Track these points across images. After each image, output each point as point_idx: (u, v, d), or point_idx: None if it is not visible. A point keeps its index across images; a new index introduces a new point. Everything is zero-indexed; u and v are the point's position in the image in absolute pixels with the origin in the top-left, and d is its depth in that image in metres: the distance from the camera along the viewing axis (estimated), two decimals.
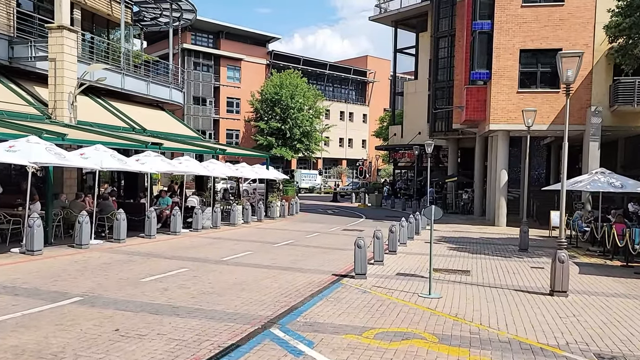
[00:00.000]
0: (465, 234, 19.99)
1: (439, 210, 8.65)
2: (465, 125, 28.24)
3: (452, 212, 31.50)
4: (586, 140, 21.99)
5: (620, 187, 15.29)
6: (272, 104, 55.58)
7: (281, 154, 56.33)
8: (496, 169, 24.06)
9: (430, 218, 8.64)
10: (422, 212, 8.54)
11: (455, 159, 37.37)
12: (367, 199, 37.33)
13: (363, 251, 9.91)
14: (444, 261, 12.84)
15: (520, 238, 15.35)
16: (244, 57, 63.23)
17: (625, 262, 13.00)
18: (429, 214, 8.62)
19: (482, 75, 23.45)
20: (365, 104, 76.26)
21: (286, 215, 25.38)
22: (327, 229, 20.42)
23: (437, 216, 8.62)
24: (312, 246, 15.13)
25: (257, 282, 9.38)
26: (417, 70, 43.43)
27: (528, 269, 12.00)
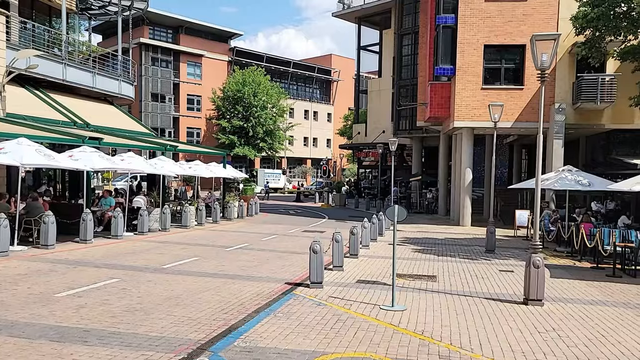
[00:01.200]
0: (430, 235, 19.23)
1: (403, 211, 7.65)
2: (430, 123, 27.62)
3: (416, 212, 30.90)
4: (550, 138, 21.61)
5: (588, 185, 14.78)
6: (235, 101, 54.03)
7: (244, 153, 54.83)
8: (460, 168, 23.47)
9: (393, 219, 7.64)
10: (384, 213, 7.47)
11: (419, 158, 36.88)
12: (330, 198, 36.40)
13: (319, 257, 8.83)
14: (408, 265, 11.91)
15: (487, 239, 14.63)
16: (205, 53, 61.30)
17: (595, 263, 12.40)
18: (392, 214, 7.61)
19: (446, 71, 22.79)
20: (330, 103, 75.44)
21: (245, 216, 24.10)
22: (287, 231, 19.28)
23: (401, 217, 7.63)
24: (268, 250, 13.96)
25: (196, 295, 8.15)
26: (381, 68, 42.80)
27: (497, 272, 11.20)
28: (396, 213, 7.57)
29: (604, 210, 21.95)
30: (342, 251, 10.81)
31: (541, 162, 8.41)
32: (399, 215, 7.60)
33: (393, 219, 7.62)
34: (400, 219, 7.64)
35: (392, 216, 7.61)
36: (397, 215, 7.59)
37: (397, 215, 7.59)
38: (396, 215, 7.58)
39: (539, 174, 8.44)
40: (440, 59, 22.87)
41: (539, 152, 8.33)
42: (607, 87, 20.28)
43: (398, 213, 7.62)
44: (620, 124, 21.46)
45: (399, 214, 7.61)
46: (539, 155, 8.32)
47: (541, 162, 8.41)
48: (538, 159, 8.33)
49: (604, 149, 24.27)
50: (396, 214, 7.58)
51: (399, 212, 7.61)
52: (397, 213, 7.59)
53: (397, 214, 7.59)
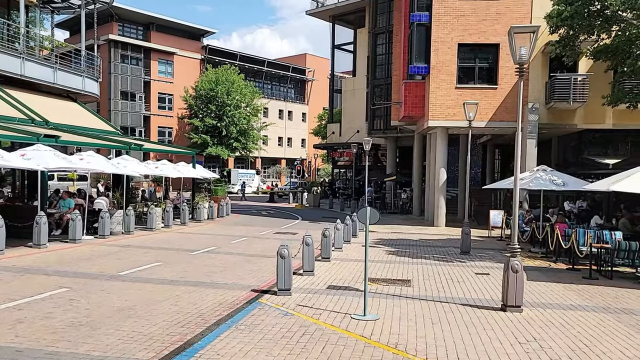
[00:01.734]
0: (404, 236, 18.87)
1: (375, 213, 7.17)
2: (404, 122, 27.34)
3: (391, 212, 30.61)
4: (523, 138, 21.50)
5: (562, 185, 14.61)
6: (207, 100, 52.96)
7: (217, 153, 53.79)
8: (435, 168, 23.22)
9: (364, 222, 7.14)
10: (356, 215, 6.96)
11: (394, 158, 36.65)
12: (304, 199, 35.85)
13: (287, 262, 8.27)
14: (382, 268, 11.45)
15: (462, 240, 14.30)
16: (177, 51, 60.01)
17: (571, 264, 12.18)
18: (364, 217, 7.11)
19: (420, 70, 22.50)
20: (305, 103, 74.90)
21: (215, 218, 23.34)
22: (257, 233, 18.66)
23: (373, 220, 7.14)
24: (236, 253, 13.33)
25: (152, 306, 7.50)
26: (355, 67, 42.45)
27: (473, 275, 10.84)
28: (368, 215, 7.08)
29: (576, 210, 22.02)
30: (312, 255, 10.28)
31: (520, 161, 8.04)
32: (371, 217, 7.11)
33: (365, 222, 7.12)
34: (372, 222, 7.16)
35: (364, 219, 7.11)
36: (369, 217, 7.09)
37: (369, 217, 7.09)
38: (368, 217, 7.09)
39: (518, 174, 8.07)
40: (415, 58, 22.57)
41: (517, 150, 7.96)
42: (580, 87, 20.29)
43: (370, 215, 7.13)
44: (592, 124, 21.52)
45: (372, 217, 7.12)
46: (517, 154, 7.95)
47: (520, 161, 8.04)
48: (517, 158, 7.96)
49: (576, 149, 24.39)
50: (368, 216, 7.08)
51: (371, 214, 7.12)
52: (370, 215, 7.10)
53: (369, 217, 7.09)
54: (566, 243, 12.87)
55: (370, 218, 7.10)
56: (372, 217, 7.11)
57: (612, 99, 15.50)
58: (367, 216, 7.08)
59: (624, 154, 23.77)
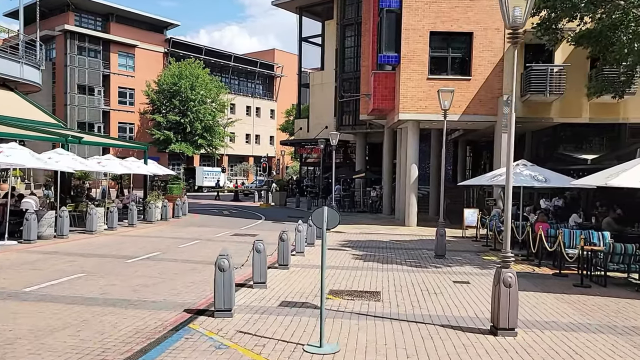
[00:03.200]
0: (373, 237, 17.44)
1: (335, 215, 5.61)
2: (373, 116, 25.95)
3: (360, 211, 29.25)
4: (498, 132, 20.42)
5: (544, 181, 13.42)
6: (170, 95, 50.63)
7: (181, 150, 51.48)
8: (406, 164, 21.91)
9: (321, 226, 5.57)
10: (310, 218, 5.36)
11: (363, 155, 35.32)
12: (270, 197, 34.15)
13: (227, 275, 6.64)
14: (347, 277, 9.94)
15: (437, 242, 12.92)
16: (139, 44, 57.32)
17: (558, 269, 10.92)
18: (319, 219, 5.55)
19: (390, 59, 21.11)
20: (273, 99, 73.06)
21: (169, 218, 21.44)
22: (213, 235, 16.92)
23: (332, 223, 5.59)
24: (181, 260, 11.59)
25: (43, 339, 5.73)
26: (323, 60, 40.94)
27: (451, 284, 9.43)
28: (325, 217, 5.52)
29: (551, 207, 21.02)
30: (264, 263, 8.67)
31: (512, 152, 6.63)
32: (329, 221, 5.55)
33: (321, 225, 5.56)
34: (331, 226, 5.60)
35: (319, 222, 5.55)
36: (326, 220, 5.53)
37: (326, 220, 5.53)
38: (325, 220, 5.53)
39: (510, 164, 6.66)
40: (384, 46, 21.17)
41: (510, 139, 6.55)
42: (556, 79, 19.26)
43: (329, 218, 5.57)
44: (569, 117, 20.53)
45: (330, 220, 5.56)
46: (510, 143, 6.53)
47: (512, 152, 6.63)
48: (509, 147, 6.54)
49: (551, 145, 23.48)
50: (325, 218, 5.52)
51: (329, 216, 5.56)
52: (328, 218, 5.54)
53: (326, 219, 5.53)
54: (551, 245, 11.65)
55: (328, 221, 5.54)
56: (330, 221, 5.55)
57: (595, 88, 14.39)
58: (324, 218, 5.52)
59: (599, 149, 23.01)
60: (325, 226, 5.52)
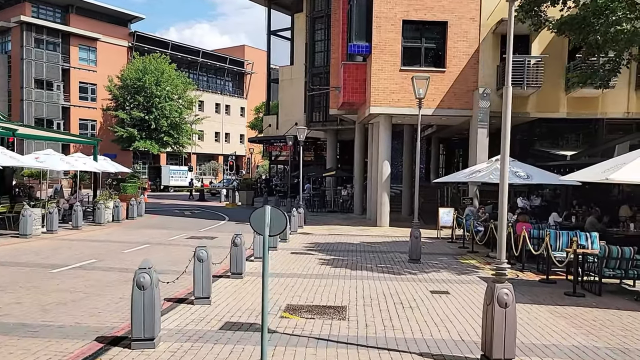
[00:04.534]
0: (343, 238, 16.16)
1: (280, 217, 4.23)
2: (344, 111, 24.66)
3: (330, 211, 27.96)
4: (473, 126, 19.38)
5: (526, 177, 12.35)
6: (134, 91, 48.35)
7: (146, 148, 49.22)
8: (378, 161, 20.69)
9: (261, 231, 4.18)
10: (250, 220, 3.90)
11: (334, 153, 34.03)
12: (237, 197, 32.54)
13: (149, 294, 5.20)
14: (310, 288, 8.58)
15: (411, 245, 11.68)
16: (101, 37, 54.73)
17: (545, 274, 9.79)
18: (260, 223, 4.16)
19: (361, 49, 19.85)
20: (244, 97, 71.23)
21: (123, 219, 19.66)
22: (167, 238, 15.34)
23: (277, 229, 4.21)
24: (119, 269, 10.02)
25: None
26: (292, 55, 39.51)
27: (429, 295, 8.17)
28: (267, 220, 4.13)
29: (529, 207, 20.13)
30: (208, 274, 7.23)
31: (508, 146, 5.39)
32: (273, 225, 4.17)
33: (262, 231, 4.17)
34: (276, 231, 4.22)
35: (259, 226, 4.16)
36: (269, 223, 4.14)
37: (269, 223, 4.14)
38: (267, 223, 4.14)
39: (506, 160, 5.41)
40: (355, 35, 19.90)
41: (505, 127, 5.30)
42: (534, 71, 18.35)
43: (273, 222, 4.18)
44: (546, 112, 19.65)
45: (274, 224, 4.17)
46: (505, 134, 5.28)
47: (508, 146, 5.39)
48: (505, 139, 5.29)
49: (527, 141, 22.66)
50: (267, 221, 4.13)
51: (274, 220, 4.17)
52: (271, 221, 4.15)
53: (269, 222, 4.14)
54: (536, 247, 10.55)
55: (271, 225, 4.16)
56: (274, 225, 4.17)
57: (578, 78, 13.41)
58: (266, 221, 4.13)
59: (576, 146, 22.30)
60: (267, 231, 4.14)
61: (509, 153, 15.71)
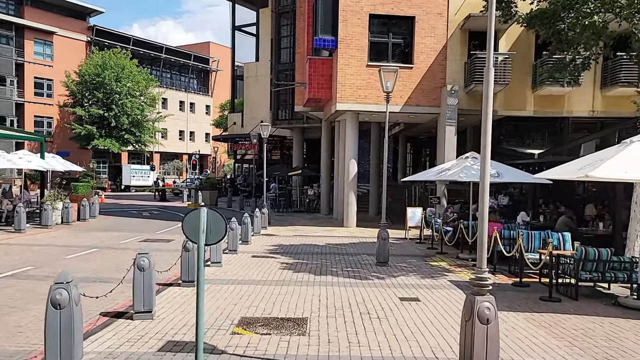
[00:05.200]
0: (309, 239, 15.44)
1: (219, 222, 3.46)
2: (309, 108, 23.94)
3: (296, 211, 27.20)
4: (441, 124, 18.98)
5: (497, 175, 11.83)
6: (93, 87, 46.32)
7: (105, 146, 47.23)
8: (345, 159, 20.07)
9: (196, 239, 3.40)
10: (182, 226, 3.09)
11: (300, 151, 33.28)
12: (200, 197, 31.37)
13: (67, 314, 4.33)
14: (269, 296, 7.81)
15: (379, 247, 11.04)
16: (57, 31, 52.26)
17: (519, 278, 9.30)
18: (193, 228, 3.38)
19: (327, 43, 19.17)
20: (209, 95, 69.62)
21: (73, 221, 18.38)
22: (118, 241, 14.27)
23: (215, 237, 3.43)
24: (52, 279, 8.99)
25: None
26: (258, 51, 38.60)
27: (397, 303, 7.52)
28: (203, 225, 3.35)
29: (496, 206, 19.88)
30: (150, 285, 6.35)
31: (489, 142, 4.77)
32: (211, 233, 3.39)
33: (197, 239, 3.39)
34: (214, 239, 3.44)
35: (193, 232, 3.37)
36: (205, 229, 3.37)
37: (205, 229, 3.37)
38: (203, 229, 3.37)
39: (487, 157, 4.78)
40: (320, 29, 19.19)
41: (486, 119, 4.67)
42: (501, 67, 18.07)
43: (212, 227, 3.41)
44: (513, 110, 19.43)
45: (213, 231, 3.40)
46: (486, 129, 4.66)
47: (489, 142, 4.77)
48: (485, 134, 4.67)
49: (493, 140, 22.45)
50: (203, 226, 3.35)
51: (212, 225, 3.40)
52: (207, 225, 3.38)
53: (205, 228, 3.37)
54: (507, 249, 10.08)
55: (209, 233, 3.39)
56: (212, 232, 3.39)
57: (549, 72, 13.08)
58: (201, 227, 3.35)
59: (542, 144, 22.26)
60: (202, 240, 3.36)
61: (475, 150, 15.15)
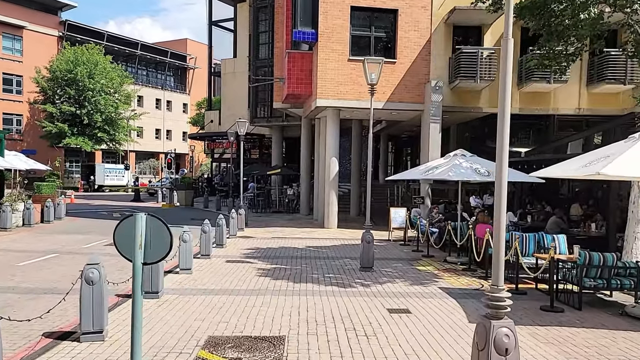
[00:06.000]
0: (288, 242, 14.59)
1: (162, 233, 2.61)
2: (289, 104, 23.06)
3: (275, 211, 26.32)
4: (425, 121, 18.32)
5: (487, 174, 11.18)
6: (65, 83, 44.58)
7: (77, 145, 45.51)
8: (325, 158, 19.27)
9: (130, 256, 2.55)
10: (113, 236, 2.22)
11: (280, 150, 32.39)
12: (175, 197, 30.24)
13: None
14: (241, 309, 6.96)
15: (363, 252, 10.25)
16: (27, 25, 50.24)
17: (514, 284, 8.60)
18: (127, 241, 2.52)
19: (307, 36, 18.33)
20: (186, 93, 68.06)
21: (35, 223, 17.21)
22: (82, 245, 13.22)
23: (157, 254, 2.58)
24: (1, 288, 7.99)
25: None
26: (235, 47, 37.54)
27: (386, 316, 6.74)
28: (140, 238, 2.50)
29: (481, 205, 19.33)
30: (102, 302, 5.44)
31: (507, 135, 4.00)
32: (152, 245, 2.54)
33: (131, 255, 2.53)
34: (155, 256, 2.59)
35: (128, 247, 2.52)
36: (143, 243, 2.52)
37: (143, 243, 2.52)
38: (141, 243, 2.52)
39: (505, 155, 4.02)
40: (300, 21, 18.35)
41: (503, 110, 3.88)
42: (487, 63, 17.50)
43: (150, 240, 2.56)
44: None
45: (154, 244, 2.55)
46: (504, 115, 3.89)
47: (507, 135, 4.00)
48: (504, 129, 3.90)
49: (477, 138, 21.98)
50: (140, 239, 2.51)
51: (151, 235, 2.55)
52: (146, 238, 2.53)
53: (144, 241, 2.52)
54: None
55: (148, 249, 2.54)
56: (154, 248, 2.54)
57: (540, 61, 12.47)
58: (137, 240, 2.50)
59: (527, 143, 21.84)
60: (139, 257, 2.51)
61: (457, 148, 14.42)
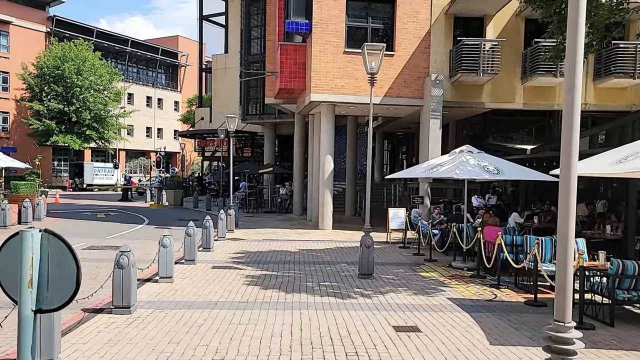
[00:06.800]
0: (279, 245, 13.65)
1: (65, 265, 1.62)
2: (281, 100, 22.10)
3: (267, 211, 25.38)
4: (425, 117, 17.44)
5: (497, 172, 10.27)
6: (53, 80, 43.38)
7: (65, 143, 44.29)
8: (320, 155, 18.35)
9: (15, 297, 1.61)
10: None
11: (272, 148, 31.45)
12: (164, 197, 29.19)
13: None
14: (224, 327, 6.01)
15: (362, 257, 9.31)
16: (14, 20, 48.95)
17: (533, 295, 7.71)
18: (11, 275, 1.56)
19: (300, 27, 17.38)
20: (177, 90, 66.92)
21: (12, 225, 16.14)
22: None
23: (56, 297, 1.59)
24: None
25: None
26: (227, 42, 36.52)
27: (393, 337, 5.80)
28: (27, 272, 1.57)
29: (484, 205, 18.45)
30: (52, 328, 4.47)
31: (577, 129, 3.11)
32: (50, 281, 1.61)
33: (19, 301, 1.58)
34: (54, 302, 1.64)
35: (12, 286, 1.58)
36: (37, 278, 1.59)
37: (37, 278, 1.59)
38: (33, 279, 1.58)
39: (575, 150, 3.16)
40: (293, 11, 17.41)
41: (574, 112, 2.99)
42: (489, 55, 16.63)
43: (48, 274, 1.62)
44: (502, 102, 17.99)
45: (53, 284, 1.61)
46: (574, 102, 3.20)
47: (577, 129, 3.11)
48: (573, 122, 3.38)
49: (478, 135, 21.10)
50: (28, 274, 1.57)
51: (49, 266, 1.62)
52: (44, 272, 1.60)
53: (37, 277, 1.59)
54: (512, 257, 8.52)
55: (44, 288, 1.60)
56: (55, 288, 1.60)
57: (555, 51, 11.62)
58: (25, 275, 1.57)
59: (529, 140, 20.99)
60: (29, 301, 1.55)
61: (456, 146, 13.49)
